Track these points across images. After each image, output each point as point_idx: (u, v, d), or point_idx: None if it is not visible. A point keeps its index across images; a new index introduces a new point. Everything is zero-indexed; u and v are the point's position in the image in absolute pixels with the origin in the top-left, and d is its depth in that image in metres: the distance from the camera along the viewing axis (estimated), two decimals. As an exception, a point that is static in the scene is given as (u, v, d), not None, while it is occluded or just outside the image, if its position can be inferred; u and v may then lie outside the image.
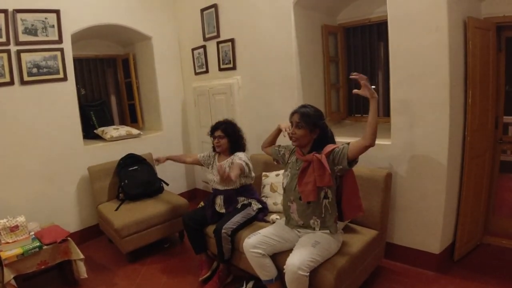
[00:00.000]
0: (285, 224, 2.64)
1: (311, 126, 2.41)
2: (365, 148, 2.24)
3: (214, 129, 3.27)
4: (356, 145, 2.26)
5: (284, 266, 2.27)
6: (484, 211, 3.26)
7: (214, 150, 3.35)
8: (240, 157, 3.10)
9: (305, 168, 2.41)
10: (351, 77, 2.30)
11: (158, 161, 3.58)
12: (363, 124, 3.96)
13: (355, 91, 2.33)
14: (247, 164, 3.10)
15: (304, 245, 2.35)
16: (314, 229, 2.47)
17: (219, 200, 3.18)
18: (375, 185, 2.80)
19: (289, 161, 2.64)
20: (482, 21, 2.95)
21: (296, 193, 2.47)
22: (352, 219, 2.67)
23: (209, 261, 3.19)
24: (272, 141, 2.91)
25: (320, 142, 2.44)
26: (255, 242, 2.50)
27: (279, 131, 2.86)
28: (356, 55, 4.06)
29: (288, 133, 2.51)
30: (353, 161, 2.31)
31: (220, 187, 3.18)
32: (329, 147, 2.37)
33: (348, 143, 2.32)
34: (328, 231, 2.43)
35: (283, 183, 2.62)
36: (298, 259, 2.23)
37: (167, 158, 3.60)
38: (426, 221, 2.93)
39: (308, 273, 2.23)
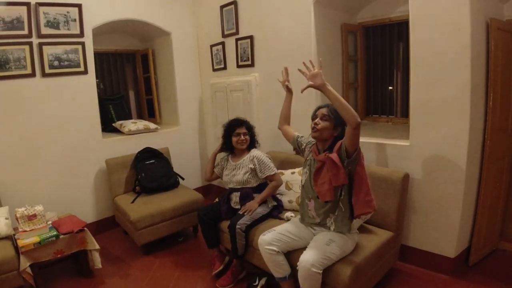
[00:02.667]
0: (300, 222, 2.64)
1: (336, 121, 2.39)
2: (353, 130, 2.17)
3: (236, 125, 3.23)
4: (347, 134, 2.22)
5: (298, 263, 2.28)
6: (501, 216, 3.20)
7: (225, 150, 3.35)
8: (266, 165, 3.13)
9: (319, 168, 2.39)
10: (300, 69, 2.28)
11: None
12: (381, 125, 3.94)
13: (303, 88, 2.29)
14: (270, 161, 3.18)
15: (319, 242, 2.35)
16: (329, 228, 2.47)
17: (235, 197, 3.18)
18: (392, 186, 2.77)
19: (307, 158, 2.61)
20: (505, 23, 2.90)
21: (314, 192, 2.46)
22: (362, 215, 2.62)
23: (222, 255, 3.21)
24: (286, 113, 2.93)
25: (336, 142, 2.41)
26: (270, 239, 2.50)
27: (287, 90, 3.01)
28: (375, 54, 4.02)
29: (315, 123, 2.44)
30: (354, 151, 2.26)
31: (237, 186, 3.19)
32: (337, 144, 2.35)
33: None
34: (342, 231, 2.43)
35: (301, 180, 2.62)
36: (312, 256, 2.23)
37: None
38: (442, 224, 2.89)
39: (321, 271, 2.23)
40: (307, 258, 2.23)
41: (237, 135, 3.21)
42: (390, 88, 4.00)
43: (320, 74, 2.22)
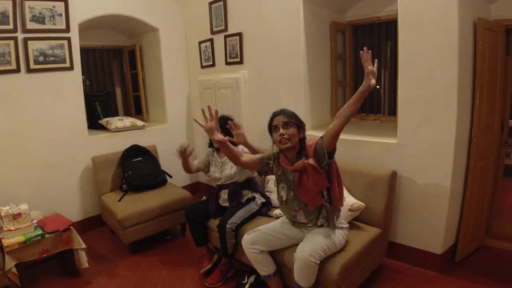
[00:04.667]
0: (291, 224, 2.60)
1: (298, 123, 2.35)
2: (340, 129, 2.17)
3: (223, 121, 3.22)
4: (331, 132, 2.19)
5: (294, 254, 2.28)
6: (487, 213, 3.25)
7: (211, 146, 3.34)
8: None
9: (299, 177, 2.33)
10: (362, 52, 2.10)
11: (182, 151, 3.02)
12: (368, 123, 3.97)
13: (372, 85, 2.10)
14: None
15: (316, 235, 2.35)
16: (322, 226, 2.45)
17: (224, 194, 3.18)
18: (380, 184, 2.80)
19: (279, 172, 2.48)
20: (492, 23, 2.93)
21: (300, 202, 2.42)
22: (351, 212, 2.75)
23: (210, 253, 3.21)
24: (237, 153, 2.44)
25: (303, 144, 2.38)
26: (253, 239, 2.52)
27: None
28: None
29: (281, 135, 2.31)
30: (332, 151, 2.27)
31: (226, 181, 3.17)
32: (310, 147, 2.31)
33: (321, 137, 2.28)
34: (335, 227, 2.44)
35: (281, 196, 2.52)
36: (310, 247, 2.24)
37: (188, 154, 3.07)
38: (429, 221, 2.93)
39: (318, 262, 2.23)
40: (305, 248, 2.23)
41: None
42: (377, 87, 4.02)
43: (376, 73, 2.07)
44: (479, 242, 3.25)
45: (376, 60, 2.09)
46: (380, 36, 3.87)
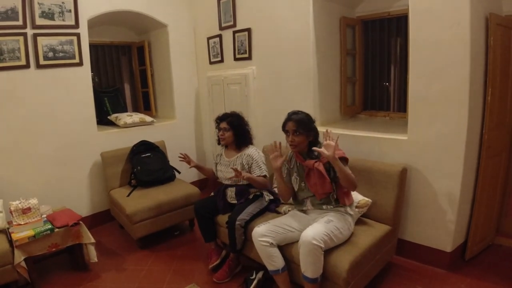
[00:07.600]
0: (300, 212, 2.72)
1: (307, 131, 2.54)
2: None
3: (220, 120, 3.23)
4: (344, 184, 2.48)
5: (299, 242, 2.32)
6: (497, 212, 3.21)
7: (219, 143, 3.33)
8: (258, 164, 3.10)
9: (308, 172, 2.57)
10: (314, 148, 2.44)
11: (186, 161, 3.30)
12: (378, 119, 3.94)
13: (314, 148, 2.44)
14: (263, 162, 3.14)
15: (319, 222, 2.43)
16: (326, 209, 2.58)
17: (230, 192, 3.18)
18: (390, 180, 2.77)
19: (292, 166, 2.72)
20: (504, 18, 2.89)
21: (309, 192, 2.61)
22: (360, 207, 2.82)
23: (218, 249, 3.21)
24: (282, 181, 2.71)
25: (314, 142, 2.57)
26: (264, 231, 2.53)
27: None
28: (374, 49, 4.00)
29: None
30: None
31: (232, 183, 3.17)
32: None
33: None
34: (339, 211, 2.54)
35: (295, 187, 2.72)
36: (313, 231, 2.30)
37: (195, 166, 3.34)
38: (439, 218, 2.90)
39: (323, 247, 2.26)
40: (308, 233, 2.29)
41: (219, 130, 3.20)
42: (386, 84, 3.98)
43: (333, 147, 2.30)
44: (489, 241, 3.22)
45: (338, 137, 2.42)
46: (390, 31, 3.82)
